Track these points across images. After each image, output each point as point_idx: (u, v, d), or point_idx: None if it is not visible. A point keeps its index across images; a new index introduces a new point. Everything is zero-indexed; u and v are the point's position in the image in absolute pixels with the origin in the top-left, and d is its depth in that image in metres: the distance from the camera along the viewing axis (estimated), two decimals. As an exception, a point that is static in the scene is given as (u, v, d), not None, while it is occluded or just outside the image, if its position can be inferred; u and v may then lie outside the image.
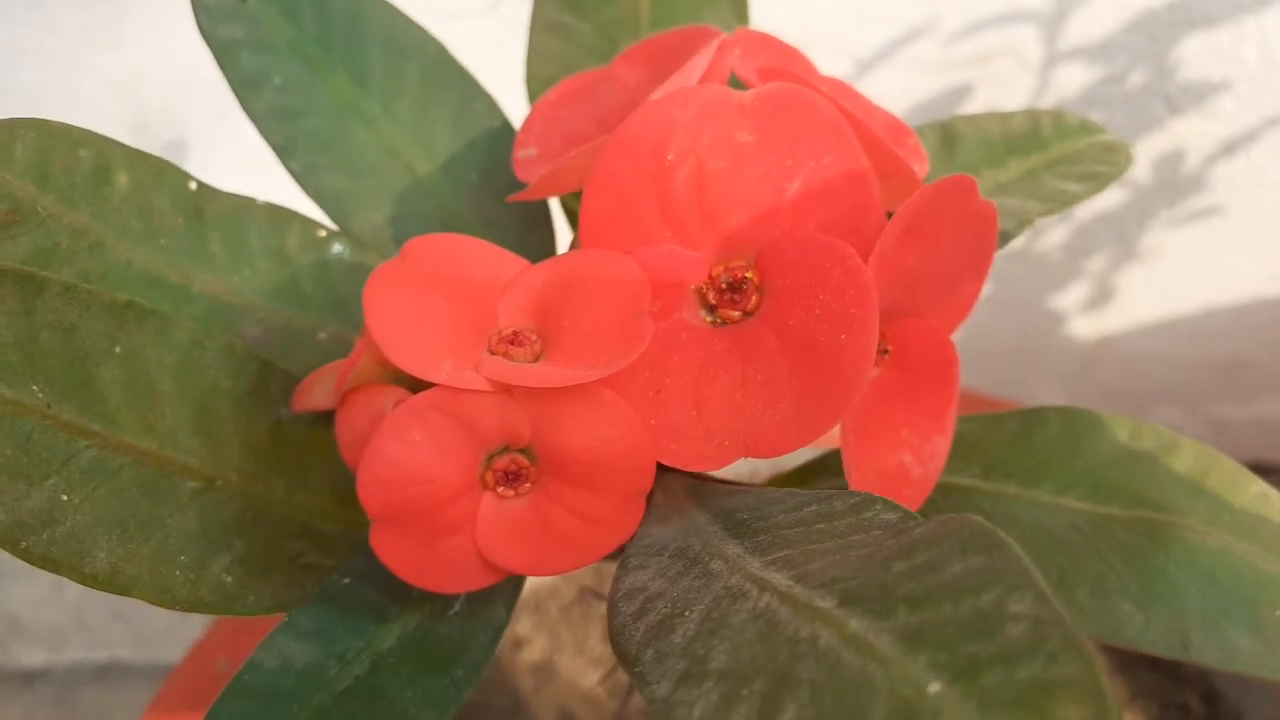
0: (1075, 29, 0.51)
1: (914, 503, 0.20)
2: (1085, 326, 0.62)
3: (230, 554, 0.19)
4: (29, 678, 0.69)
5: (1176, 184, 0.56)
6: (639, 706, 0.43)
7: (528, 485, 0.18)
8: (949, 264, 0.21)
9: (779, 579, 0.15)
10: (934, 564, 0.13)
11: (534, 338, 0.19)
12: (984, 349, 0.62)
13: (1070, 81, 0.52)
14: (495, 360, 0.18)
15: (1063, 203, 0.23)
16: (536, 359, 0.18)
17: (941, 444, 0.21)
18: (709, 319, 0.19)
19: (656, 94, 0.20)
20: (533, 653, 0.44)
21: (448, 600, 0.19)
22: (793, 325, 0.18)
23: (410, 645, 0.19)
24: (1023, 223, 0.22)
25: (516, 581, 0.19)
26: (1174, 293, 0.60)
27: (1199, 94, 0.53)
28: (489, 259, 0.19)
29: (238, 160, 0.55)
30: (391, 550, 0.18)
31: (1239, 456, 0.22)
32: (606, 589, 0.29)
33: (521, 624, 0.45)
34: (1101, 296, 0.61)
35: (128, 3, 0.50)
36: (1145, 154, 0.56)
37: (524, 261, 0.20)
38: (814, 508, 0.17)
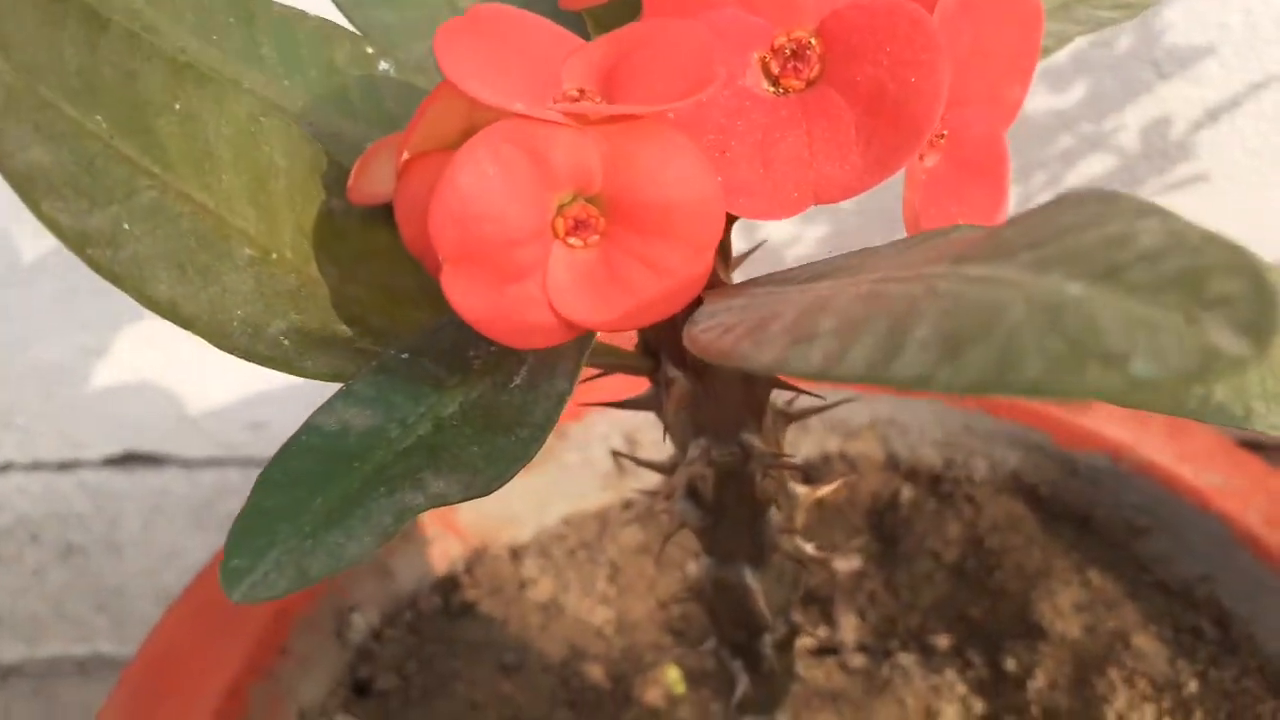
0: (1065, -8, 0.52)
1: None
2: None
3: (286, 322, 0.19)
4: (6, 672, 0.66)
5: (1166, 151, 0.57)
6: (648, 641, 0.42)
7: (596, 238, 0.18)
8: (999, 56, 0.21)
9: (874, 276, 0.15)
10: (1047, 220, 0.13)
11: (598, 98, 0.19)
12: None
13: (1062, 44, 0.54)
14: (565, 103, 0.18)
15: (1097, 24, 0.23)
16: (602, 117, 0.18)
17: (995, 239, 0.21)
18: (771, 90, 0.19)
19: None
20: (540, 592, 0.43)
21: (509, 373, 0.19)
22: (859, 80, 0.18)
23: (474, 411, 0.18)
24: (1063, 40, 0.23)
25: (578, 357, 0.19)
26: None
27: (1185, 59, 0.54)
28: (551, 32, 0.19)
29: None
30: (463, 293, 0.17)
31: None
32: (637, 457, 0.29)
33: (527, 567, 0.44)
34: (1095, 265, 0.61)
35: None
36: (1134, 120, 0.57)
37: (581, 40, 0.20)
38: (896, 242, 0.17)
